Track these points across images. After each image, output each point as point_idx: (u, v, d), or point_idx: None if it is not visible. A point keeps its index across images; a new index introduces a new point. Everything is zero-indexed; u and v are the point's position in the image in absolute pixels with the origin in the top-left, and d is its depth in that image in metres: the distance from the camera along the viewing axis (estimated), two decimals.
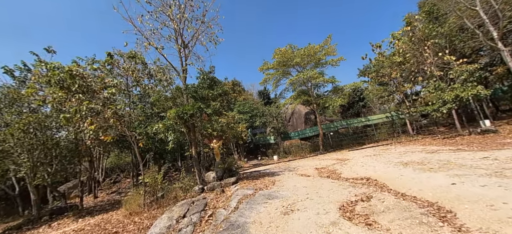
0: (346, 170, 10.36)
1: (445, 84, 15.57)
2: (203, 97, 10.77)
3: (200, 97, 10.75)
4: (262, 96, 41.85)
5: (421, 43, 18.37)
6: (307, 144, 29.22)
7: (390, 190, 6.26)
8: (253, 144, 35.60)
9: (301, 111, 35.19)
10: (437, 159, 9.04)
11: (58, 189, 20.67)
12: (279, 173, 12.83)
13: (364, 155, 14.81)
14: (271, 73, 26.27)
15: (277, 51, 23.78)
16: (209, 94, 10.47)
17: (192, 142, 11.42)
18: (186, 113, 9.58)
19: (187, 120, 10.08)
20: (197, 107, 9.82)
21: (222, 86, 10.63)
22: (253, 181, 10.62)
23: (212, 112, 10.55)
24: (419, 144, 16.35)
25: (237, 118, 23.32)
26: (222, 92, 10.57)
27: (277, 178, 10.98)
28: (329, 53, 24.44)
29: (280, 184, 9.21)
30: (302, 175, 11.06)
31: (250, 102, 33.20)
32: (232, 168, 11.10)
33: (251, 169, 19.56)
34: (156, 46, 10.61)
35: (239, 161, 29.57)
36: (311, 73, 21.78)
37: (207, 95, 10.52)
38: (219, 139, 11.16)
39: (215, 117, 11.16)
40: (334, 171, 10.85)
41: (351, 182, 8.00)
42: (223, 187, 9.91)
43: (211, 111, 10.47)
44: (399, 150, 14.61)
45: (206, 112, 10.30)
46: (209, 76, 11.07)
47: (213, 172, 10.79)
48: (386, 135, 26.90)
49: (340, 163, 13.12)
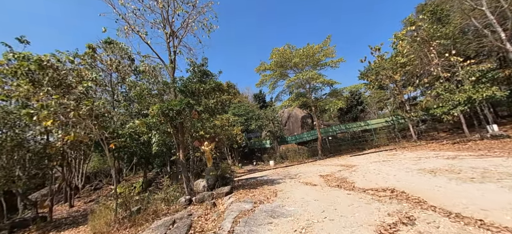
0: (359, 179, 8.82)
1: (454, 86, 14.45)
2: (193, 92, 9.11)
3: (189, 92, 9.08)
4: (257, 99, 40.38)
5: (425, 43, 17.35)
6: (305, 148, 27.73)
7: (433, 207, 4.72)
8: (248, 149, 33.84)
9: (298, 115, 33.82)
10: (468, 166, 7.62)
11: (29, 197, 18.34)
12: (279, 180, 11.18)
13: (371, 161, 13.36)
14: (268, 75, 24.81)
15: (275, 51, 22.41)
16: (200, 89, 8.82)
17: (180, 144, 9.69)
18: (171, 109, 7.88)
19: (174, 117, 8.37)
20: (185, 103, 8.13)
21: (215, 81, 8.99)
22: (250, 190, 8.93)
23: (203, 110, 8.88)
24: (427, 149, 15.07)
25: (231, 120, 21.62)
26: (215, 86, 8.94)
27: (279, 187, 9.33)
28: (328, 54, 23.24)
29: (283, 195, 7.56)
30: (307, 184, 9.45)
31: (245, 105, 31.58)
32: (226, 175, 9.39)
33: (246, 175, 17.81)
34: (138, 30, 8.92)
35: (233, 166, 27.72)
36: (311, 74, 20.44)
37: (198, 90, 8.87)
38: (212, 141, 9.47)
39: (207, 115, 9.47)
40: (344, 179, 9.30)
41: (372, 194, 6.44)
42: (215, 198, 8.18)
43: (202, 109, 8.81)
44: (408, 155, 13.25)
45: (196, 109, 8.62)
46: (201, 69, 9.45)
47: (203, 179, 9.05)
48: (385, 140, 25.74)
49: (347, 170, 11.60)
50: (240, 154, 33.88)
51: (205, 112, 9.11)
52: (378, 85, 23.87)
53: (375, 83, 24.52)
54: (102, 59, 14.84)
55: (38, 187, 20.36)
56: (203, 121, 9.30)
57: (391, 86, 23.91)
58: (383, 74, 21.32)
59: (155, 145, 9.47)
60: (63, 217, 15.00)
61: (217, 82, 8.86)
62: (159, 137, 9.44)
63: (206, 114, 9.16)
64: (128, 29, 9.22)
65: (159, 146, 9.55)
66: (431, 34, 17.07)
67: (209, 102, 8.85)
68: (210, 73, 9.59)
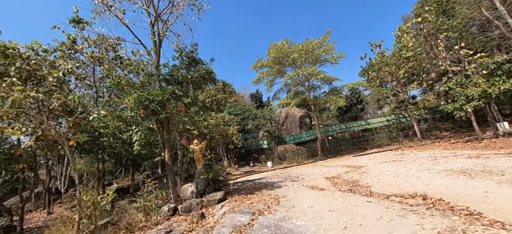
0: (374, 182, 7.49)
1: (466, 80, 13.31)
2: (181, 82, 7.68)
3: (176, 82, 7.65)
4: (254, 99, 39.01)
5: (432, 36, 16.24)
6: (303, 149, 26.38)
7: (499, 224, 3.39)
8: (244, 149, 32.39)
9: (296, 115, 32.52)
10: (506, 166, 6.35)
11: (4, 203, 16.56)
12: (280, 184, 9.79)
13: (379, 161, 12.08)
14: (265, 72, 23.44)
15: (273, 46, 21.10)
16: (187, 77, 7.41)
17: (166, 143, 8.23)
18: (152, 100, 6.44)
19: (156, 111, 6.92)
20: (170, 94, 6.69)
21: (205, 68, 7.56)
22: (247, 196, 7.52)
23: (191, 103, 7.45)
24: (437, 148, 13.88)
25: (227, 119, 20.18)
26: (205, 74, 7.52)
27: (280, 192, 7.93)
28: (327, 51, 22.03)
29: (287, 204, 6.17)
30: (313, 188, 8.08)
31: (241, 104, 30.15)
32: (219, 178, 7.95)
33: (243, 178, 16.37)
34: (115, 8, 7.47)
35: (229, 168, 26.22)
36: (310, 70, 19.17)
37: (185, 79, 7.45)
38: (202, 140, 8.03)
39: (196, 108, 8.01)
40: (355, 182, 7.96)
41: (399, 202, 5.11)
42: (205, 207, 6.75)
43: (191, 101, 7.39)
44: (420, 155, 12.00)
45: (183, 101, 7.19)
46: (190, 55, 8.03)
47: (193, 183, 7.60)
48: (386, 140, 24.61)
49: (355, 171, 10.28)
50: (236, 155, 32.37)
51: (194, 105, 7.68)
52: (380, 83, 22.73)
53: (376, 81, 23.40)
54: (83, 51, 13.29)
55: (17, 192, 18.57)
56: (191, 116, 7.87)
57: (393, 84, 22.82)
58: (386, 70, 20.17)
59: (137, 144, 7.98)
60: (37, 225, 13.32)
61: (207, 69, 7.44)
62: (142, 134, 7.94)
63: (195, 107, 7.72)
64: (103, 8, 7.76)
65: (142, 146, 8.06)
66: (438, 26, 15.98)
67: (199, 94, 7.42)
68: (200, 61, 8.18)
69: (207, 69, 7.43)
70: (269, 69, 22.83)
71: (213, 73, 7.92)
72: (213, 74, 8.01)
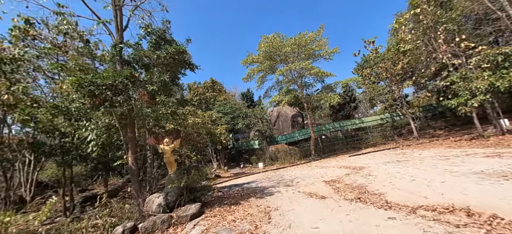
0: (387, 188, 6.04)
1: (471, 73, 12.26)
2: (146, 66, 5.98)
3: (140, 64, 5.95)
4: (245, 98, 37.34)
5: (431, 28, 15.22)
6: (296, 149, 25.00)
7: None
8: (235, 150, 30.67)
9: (288, 114, 31.16)
10: None
11: None
12: (271, 189, 8.21)
13: (381, 162, 10.75)
14: (255, 69, 21.84)
15: (263, 39, 19.57)
16: (153, 57, 5.72)
17: (129, 142, 6.48)
18: (99, 85, 4.70)
19: (109, 100, 5.18)
20: (126, 77, 4.97)
21: (176, 46, 5.85)
22: (230, 209, 5.89)
23: (157, 90, 5.76)
24: (440, 146, 12.78)
25: (215, 118, 18.44)
26: (175, 54, 5.82)
27: (272, 201, 6.36)
28: (321, 46, 20.77)
29: (282, 220, 4.59)
30: (312, 195, 6.56)
31: (231, 103, 28.43)
32: (197, 185, 6.25)
33: (231, 181, 14.70)
34: None
35: (219, 170, 24.45)
36: (303, 64, 17.77)
37: (151, 60, 5.76)
38: (175, 138, 6.33)
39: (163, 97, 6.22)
40: (362, 187, 6.50)
41: (434, 218, 3.64)
42: (173, 226, 5.07)
43: (157, 88, 5.70)
44: (425, 154, 10.78)
45: (146, 88, 5.50)
46: (156, 31, 6.33)
47: (161, 193, 5.88)
48: (380, 138, 23.68)
49: (357, 174, 8.86)
50: (226, 156, 30.61)
51: (161, 93, 5.96)
52: (374, 80, 21.71)
53: (370, 78, 22.37)
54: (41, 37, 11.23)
55: None
56: (157, 107, 6.11)
57: (387, 81, 21.83)
58: (381, 66, 19.10)
59: (92, 144, 6.18)
60: None
61: (178, 48, 5.75)
62: (98, 132, 6.15)
63: (163, 96, 6.00)
64: None
65: (99, 147, 6.26)
66: (437, 18, 14.98)
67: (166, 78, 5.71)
68: (171, 40, 6.48)
69: (178, 48, 5.75)
70: (260, 65, 21.28)
71: (186, 53, 6.23)
72: (186, 55, 6.32)
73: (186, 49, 6.10)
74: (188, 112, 17.21)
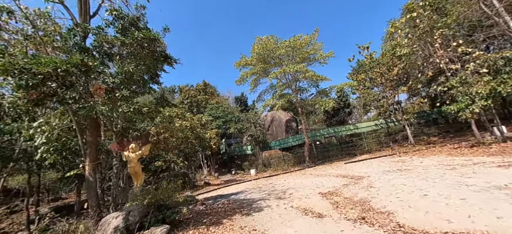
0: (395, 204, 5.05)
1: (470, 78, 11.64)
2: (109, 54, 4.88)
3: (101, 53, 4.84)
4: (239, 102, 36.26)
5: (427, 33, 14.70)
6: (290, 155, 24.00)
7: None
8: (227, 156, 29.42)
9: (282, 119, 30.23)
10: None
11: None
12: (261, 203, 7.11)
13: (381, 171, 9.82)
14: (248, 71, 20.88)
15: (257, 40, 18.72)
16: (117, 44, 4.63)
17: (89, 147, 5.31)
18: (34, 73, 3.56)
19: (51, 92, 4.03)
20: (76, 65, 3.86)
21: (146, 32, 4.78)
22: (208, 230, 4.77)
23: (120, 83, 4.65)
24: (439, 153, 12.03)
25: (204, 121, 17.28)
26: (144, 41, 4.74)
27: (260, 220, 5.26)
28: (315, 50, 20.07)
29: None
30: (307, 212, 5.52)
31: (224, 106, 27.28)
32: (167, 202, 5.09)
33: (219, 190, 13.50)
34: None
35: (209, 176, 23.13)
36: (298, 67, 16.94)
37: (114, 47, 4.68)
38: (143, 143, 5.20)
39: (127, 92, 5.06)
40: (366, 203, 5.50)
41: None
42: None
43: (119, 81, 4.59)
44: (427, 162, 9.94)
45: (104, 80, 4.39)
46: (126, 17, 5.26)
47: (121, 212, 4.69)
48: (375, 145, 23.02)
49: (356, 184, 7.88)
50: (218, 161, 29.31)
51: (124, 88, 4.82)
52: (368, 86, 21.13)
53: (365, 83, 21.79)
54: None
55: None
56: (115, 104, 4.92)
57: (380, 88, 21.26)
58: (376, 71, 18.50)
59: (42, 150, 4.98)
60: None
61: (147, 34, 4.68)
62: (49, 134, 4.97)
63: (126, 91, 4.86)
64: None
65: (50, 152, 5.07)
66: (433, 23, 14.50)
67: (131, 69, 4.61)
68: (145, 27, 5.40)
69: (147, 34, 4.68)
70: (253, 68, 20.34)
71: (159, 43, 5.16)
72: (160, 45, 5.24)
73: (160, 37, 5.04)
74: (175, 114, 16.01)
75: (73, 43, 4.54)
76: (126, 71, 4.58)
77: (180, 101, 25.41)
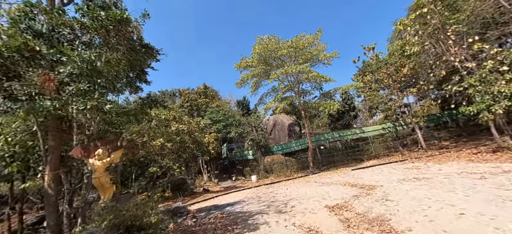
0: (424, 226, 3.98)
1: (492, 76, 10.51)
2: (70, 40, 4.01)
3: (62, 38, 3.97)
4: (241, 106, 35.36)
5: (439, 30, 13.65)
6: (293, 160, 22.83)
7: None
8: (228, 161, 28.42)
9: (284, 123, 29.14)
10: None
11: None
12: (257, 219, 6.09)
13: (395, 179, 8.69)
14: (249, 73, 20.01)
15: (258, 40, 17.90)
16: (75, 27, 3.77)
17: (50, 153, 4.43)
18: None
19: None
20: (18, 49, 2.99)
21: (117, 12, 3.94)
22: None
23: (78, 75, 3.74)
24: (457, 159, 10.84)
25: (203, 125, 16.39)
26: (112, 22, 3.86)
27: None
28: (319, 51, 19.15)
29: None
30: (311, 232, 4.50)
31: (224, 110, 26.41)
32: (143, 222, 4.12)
33: (215, 199, 12.46)
34: None
35: (209, 182, 22.12)
36: (301, 67, 15.99)
37: (74, 30, 3.82)
38: (113, 149, 4.29)
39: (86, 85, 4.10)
40: (385, 222, 4.44)
41: None
42: None
43: (78, 73, 3.68)
44: (447, 169, 8.79)
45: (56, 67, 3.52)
46: None
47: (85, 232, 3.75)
48: (382, 149, 21.72)
49: (368, 196, 6.79)
50: (218, 167, 28.33)
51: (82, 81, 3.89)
52: (376, 87, 20.04)
53: (372, 85, 20.69)
54: None
55: None
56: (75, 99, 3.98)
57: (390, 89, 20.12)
58: (384, 71, 17.44)
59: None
60: None
61: (114, 14, 3.80)
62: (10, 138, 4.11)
63: (84, 84, 3.95)
64: None
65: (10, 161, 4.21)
66: (445, 19, 13.46)
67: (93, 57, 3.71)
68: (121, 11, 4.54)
69: (114, 14, 3.81)
70: (253, 69, 19.49)
71: (128, 22, 4.27)
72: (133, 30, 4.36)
73: (130, 17, 4.16)
74: (172, 117, 15.16)
75: (25, 26, 3.71)
76: (87, 59, 3.68)
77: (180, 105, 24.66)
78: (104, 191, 4.13)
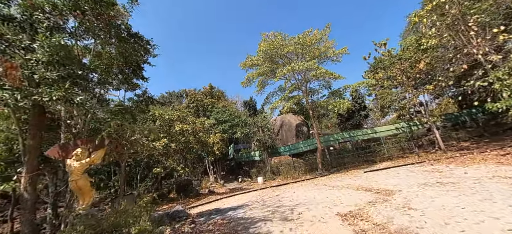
0: None
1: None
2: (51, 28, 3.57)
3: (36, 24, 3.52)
4: (247, 106, 34.82)
5: (459, 21, 12.52)
6: (300, 161, 21.98)
7: None
8: (234, 162, 27.90)
9: (292, 123, 28.33)
10: None
11: None
12: (260, 225, 5.44)
13: (416, 182, 7.79)
14: (255, 72, 19.38)
15: (264, 37, 17.29)
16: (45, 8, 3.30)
17: (28, 154, 3.96)
18: None
19: None
20: None
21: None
22: None
23: (48, 63, 3.24)
24: (483, 161, 9.73)
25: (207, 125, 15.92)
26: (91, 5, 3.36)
27: None
28: (327, 47, 18.29)
29: None
30: None
31: (230, 110, 25.94)
32: (128, 229, 3.58)
33: (219, 202, 11.88)
34: None
35: (215, 184, 21.66)
36: (308, 64, 15.20)
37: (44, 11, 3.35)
38: (95, 148, 3.79)
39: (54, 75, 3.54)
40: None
41: None
42: None
43: (48, 60, 3.19)
44: (474, 173, 7.79)
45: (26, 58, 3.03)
46: None
47: None
48: (396, 150, 20.47)
49: (386, 203, 5.98)
50: (225, 168, 27.87)
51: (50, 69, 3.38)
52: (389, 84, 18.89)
53: (384, 82, 19.53)
54: None
55: None
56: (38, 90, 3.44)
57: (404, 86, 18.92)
58: (398, 67, 16.35)
59: None
60: None
61: None
62: None
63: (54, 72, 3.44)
64: None
65: None
66: (464, 9, 12.32)
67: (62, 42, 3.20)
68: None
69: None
70: (259, 68, 18.86)
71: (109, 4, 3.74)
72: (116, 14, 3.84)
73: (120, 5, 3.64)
74: (177, 117, 14.80)
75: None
76: (55, 43, 3.18)
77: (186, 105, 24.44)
78: (83, 195, 3.63)
